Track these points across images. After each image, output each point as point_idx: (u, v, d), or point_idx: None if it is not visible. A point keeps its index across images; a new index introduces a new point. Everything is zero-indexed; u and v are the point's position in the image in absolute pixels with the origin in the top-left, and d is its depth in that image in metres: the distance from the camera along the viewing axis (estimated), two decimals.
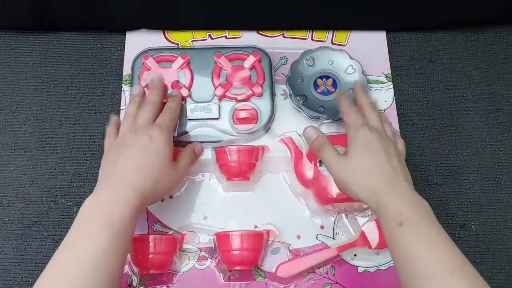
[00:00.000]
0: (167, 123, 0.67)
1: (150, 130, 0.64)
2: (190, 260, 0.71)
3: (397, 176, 0.60)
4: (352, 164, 0.62)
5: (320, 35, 0.84)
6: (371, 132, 0.63)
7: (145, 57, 0.78)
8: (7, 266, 0.70)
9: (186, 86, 0.77)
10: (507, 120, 0.80)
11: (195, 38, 0.83)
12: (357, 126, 0.64)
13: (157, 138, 0.64)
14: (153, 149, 0.63)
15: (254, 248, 0.68)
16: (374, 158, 0.61)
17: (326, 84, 0.79)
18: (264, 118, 0.76)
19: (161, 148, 0.63)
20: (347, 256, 0.71)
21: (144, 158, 0.62)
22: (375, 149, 0.62)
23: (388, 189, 0.58)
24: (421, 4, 0.81)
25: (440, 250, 0.54)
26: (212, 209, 0.73)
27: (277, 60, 0.82)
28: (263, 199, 0.74)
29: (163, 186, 0.63)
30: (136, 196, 0.59)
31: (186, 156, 0.69)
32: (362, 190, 0.60)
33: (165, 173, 0.63)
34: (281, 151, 0.75)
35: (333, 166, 0.64)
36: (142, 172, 0.61)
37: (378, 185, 0.59)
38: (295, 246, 0.72)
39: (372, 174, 0.60)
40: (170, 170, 0.64)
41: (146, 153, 0.62)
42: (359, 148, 0.62)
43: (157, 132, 0.64)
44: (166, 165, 0.64)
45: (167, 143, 0.64)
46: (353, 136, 0.63)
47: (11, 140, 0.77)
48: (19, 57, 0.82)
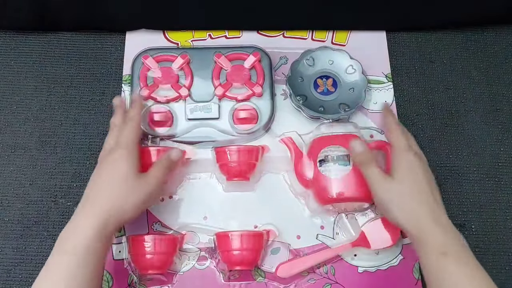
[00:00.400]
0: (126, 139, 0.65)
1: (112, 151, 0.65)
2: (190, 260, 0.71)
3: (439, 208, 0.61)
4: (397, 186, 0.62)
5: (320, 35, 0.84)
6: (416, 159, 0.63)
7: (145, 56, 0.78)
8: (7, 266, 0.70)
9: (186, 85, 0.77)
10: (507, 120, 0.80)
11: (195, 38, 0.83)
12: (403, 148, 0.64)
13: (116, 156, 0.64)
14: (112, 167, 0.64)
15: (254, 248, 0.68)
16: (419, 187, 0.62)
17: (326, 84, 0.79)
18: (264, 118, 0.76)
19: (119, 165, 0.63)
20: (347, 256, 0.71)
21: (102, 177, 0.64)
22: (421, 178, 0.62)
23: (432, 219, 0.60)
24: (421, 4, 0.81)
25: (481, 280, 0.58)
26: (212, 209, 0.73)
27: (277, 60, 0.82)
28: (263, 199, 0.74)
29: (132, 201, 0.62)
30: (98, 215, 0.60)
31: (158, 166, 0.66)
32: (403, 214, 0.61)
33: (128, 188, 0.62)
34: (281, 151, 0.75)
35: (376, 185, 0.63)
36: (101, 192, 0.62)
37: (422, 214, 0.60)
38: (295, 246, 0.72)
39: (417, 201, 0.61)
40: (136, 184, 0.63)
41: (103, 172, 0.64)
42: (405, 172, 0.63)
43: (117, 151, 0.64)
44: (128, 181, 0.63)
45: (127, 159, 0.63)
46: (398, 159, 0.64)
47: (11, 140, 0.77)
48: (19, 57, 0.82)
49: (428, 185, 0.62)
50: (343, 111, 0.77)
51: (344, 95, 0.79)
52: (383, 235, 0.70)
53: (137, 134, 0.66)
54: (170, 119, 0.75)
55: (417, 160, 0.63)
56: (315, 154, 0.71)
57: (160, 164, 0.67)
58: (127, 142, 0.65)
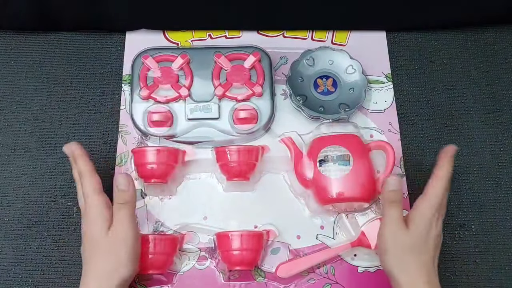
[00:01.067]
0: (88, 199, 0.63)
1: (83, 211, 0.64)
2: (190, 260, 0.71)
3: (434, 272, 0.61)
4: (408, 240, 0.61)
5: (320, 35, 0.84)
6: (437, 226, 0.62)
7: (145, 56, 0.78)
8: (7, 266, 0.70)
9: (186, 85, 0.77)
10: (507, 120, 0.80)
11: (195, 38, 0.83)
12: (435, 207, 0.62)
13: (85, 218, 0.63)
14: (86, 231, 0.62)
15: (254, 248, 0.68)
16: (427, 248, 0.61)
17: (326, 84, 0.79)
18: (264, 118, 0.76)
19: (90, 229, 0.62)
20: (347, 256, 0.71)
21: (84, 242, 0.63)
22: (431, 242, 0.62)
23: (426, 282, 0.60)
24: (421, 4, 0.81)
25: None
26: (212, 209, 0.73)
27: (277, 60, 0.82)
28: (263, 199, 0.74)
29: (116, 260, 0.60)
30: (96, 278, 0.60)
31: (117, 214, 0.62)
32: (401, 266, 0.61)
33: (106, 250, 0.61)
34: (281, 151, 0.75)
35: (389, 227, 0.62)
36: (87, 264, 0.62)
37: (419, 273, 0.60)
38: (295, 246, 0.72)
39: (419, 261, 0.61)
40: (110, 243, 0.61)
41: (84, 236, 0.63)
42: (422, 231, 0.61)
43: (84, 211, 0.63)
44: (103, 243, 0.61)
45: (95, 220, 0.62)
46: (424, 214, 0.62)
47: (11, 140, 0.77)
48: (19, 57, 0.82)
49: (434, 249, 0.62)
50: (343, 111, 0.77)
51: (344, 95, 0.79)
52: None
53: (94, 185, 0.63)
54: (170, 119, 0.75)
55: (437, 227, 0.62)
56: (315, 154, 0.71)
57: (118, 207, 0.62)
58: (89, 200, 0.62)
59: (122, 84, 0.80)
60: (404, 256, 0.61)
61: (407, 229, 0.61)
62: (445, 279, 0.71)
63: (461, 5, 0.81)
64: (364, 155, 0.71)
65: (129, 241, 0.61)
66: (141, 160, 0.70)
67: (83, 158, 0.66)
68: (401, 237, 0.61)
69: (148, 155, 0.70)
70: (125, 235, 0.61)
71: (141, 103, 0.76)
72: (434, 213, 0.62)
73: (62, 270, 0.70)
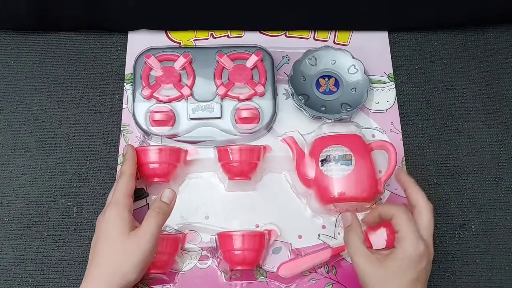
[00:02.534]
0: (117, 195, 0.64)
1: (105, 209, 0.64)
2: (191, 259, 0.71)
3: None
4: (383, 274, 0.58)
5: (322, 35, 0.84)
6: (420, 256, 0.58)
7: (147, 56, 0.77)
8: (7, 266, 0.70)
9: (188, 85, 0.76)
10: (507, 120, 0.81)
11: (197, 37, 0.83)
12: (416, 236, 0.58)
13: (106, 216, 0.62)
14: (105, 229, 0.62)
15: (255, 248, 0.67)
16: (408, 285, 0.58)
17: (328, 83, 0.79)
18: (266, 117, 0.76)
19: (110, 227, 0.61)
20: (348, 256, 0.70)
21: (99, 240, 0.62)
22: (412, 279, 0.57)
23: None
24: (421, 4, 0.81)
25: None
26: (214, 208, 0.73)
27: (279, 59, 0.82)
28: (265, 199, 0.74)
29: (130, 263, 0.60)
30: (101, 280, 0.59)
31: (150, 217, 0.62)
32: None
33: (123, 250, 0.60)
34: (283, 150, 0.75)
35: (360, 261, 0.60)
36: (100, 255, 0.61)
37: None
38: (297, 246, 0.72)
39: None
40: (129, 244, 0.60)
41: (100, 234, 0.62)
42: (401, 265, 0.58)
43: (108, 210, 0.63)
44: (121, 243, 0.60)
45: (116, 220, 0.62)
46: (404, 247, 0.58)
47: (11, 140, 0.77)
48: (19, 57, 0.82)
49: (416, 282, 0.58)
50: (345, 111, 0.77)
51: (346, 95, 0.79)
52: (385, 235, 0.69)
53: (128, 188, 0.65)
54: (172, 119, 0.75)
55: (420, 258, 0.58)
56: (317, 154, 0.71)
57: (153, 214, 0.62)
58: (118, 199, 0.63)
59: (124, 83, 0.80)
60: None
61: (386, 258, 0.58)
62: (445, 279, 0.71)
63: (461, 5, 0.81)
64: (366, 155, 0.70)
65: (148, 249, 0.60)
66: (143, 159, 0.70)
67: (129, 161, 0.68)
68: (380, 267, 0.58)
69: (150, 154, 0.70)
70: (147, 242, 0.60)
71: (143, 102, 0.76)
72: (417, 239, 0.58)
73: (62, 270, 0.70)
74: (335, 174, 0.69)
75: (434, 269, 0.70)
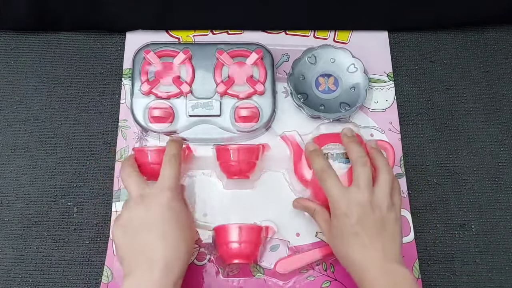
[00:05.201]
0: (170, 183, 0.63)
1: (160, 193, 0.62)
2: None
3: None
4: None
5: (322, 33, 0.84)
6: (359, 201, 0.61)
7: (146, 51, 0.77)
8: (7, 266, 0.70)
9: (188, 81, 0.76)
10: (507, 120, 0.81)
11: (197, 33, 0.83)
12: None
13: (166, 200, 0.62)
14: (169, 212, 0.61)
15: (252, 241, 0.67)
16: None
17: (327, 82, 0.79)
18: (265, 116, 0.75)
19: (165, 211, 0.61)
20: None
21: (157, 227, 0.60)
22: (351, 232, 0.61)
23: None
24: (421, 5, 0.81)
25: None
26: (212, 206, 0.73)
27: (279, 57, 0.82)
28: (263, 197, 0.74)
29: (184, 250, 0.60)
30: (160, 271, 0.57)
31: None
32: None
33: (184, 235, 0.61)
34: (282, 149, 0.75)
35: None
36: (161, 243, 0.59)
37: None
38: (295, 244, 0.72)
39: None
40: (189, 229, 0.63)
41: (159, 221, 0.61)
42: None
43: (166, 193, 0.62)
44: (176, 227, 0.61)
45: (179, 203, 0.63)
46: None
47: (11, 140, 0.77)
48: (19, 57, 0.82)
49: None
50: (343, 110, 0.77)
51: (345, 94, 0.78)
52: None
53: (179, 173, 0.65)
54: (171, 115, 0.75)
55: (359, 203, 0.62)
56: None
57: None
58: (171, 186, 0.63)
59: (122, 78, 0.80)
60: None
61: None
62: (445, 279, 0.71)
63: (461, 5, 0.81)
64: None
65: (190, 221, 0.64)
66: (142, 160, 0.70)
67: (174, 144, 0.68)
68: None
69: (149, 155, 0.70)
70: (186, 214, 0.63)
71: (142, 98, 0.76)
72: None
73: (62, 270, 0.70)
74: None
75: (434, 269, 0.71)
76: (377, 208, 0.61)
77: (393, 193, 0.63)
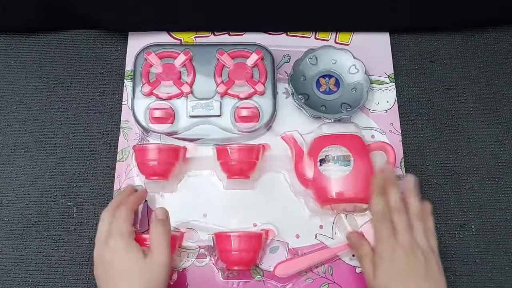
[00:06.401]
0: (120, 228, 0.62)
1: (111, 239, 0.61)
2: (189, 257, 0.71)
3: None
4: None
5: (323, 34, 0.84)
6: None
7: (147, 53, 0.77)
8: (7, 266, 0.70)
9: (188, 82, 0.76)
10: (507, 120, 0.80)
11: (198, 34, 0.83)
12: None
13: (116, 245, 0.60)
14: (115, 265, 0.60)
15: (252, 249, 0.67)
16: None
17: (328, 83, 0.79)
18: (266, 116, 0.75)
19: (128, 255, 0.60)
20: (345, 256, 0.71)
21: (114, 268, 0.60)
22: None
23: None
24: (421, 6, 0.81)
25: None
26: (212, 207, 0.73)
27: (280, 58, 0.81)
28: (263, 198, 0.74)
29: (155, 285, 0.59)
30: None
31: (156, 238, 0.61)
32: None
33: (147, 276, 0.59)
34: (282, 149, 0.75)
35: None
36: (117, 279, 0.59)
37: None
38: (294, 245, 0.72)
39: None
40: (147, 269, 0.60)
41: (109, 260, 0.60)
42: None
43: (116, 239, 0.61)
44: (142, 269, 0.59)
45: (131, 247, 0.60)
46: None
47: (11, 140, 0.77)
48: (19, 57, 0.82)
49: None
50: (344, 110, 0.76)
51: (346, 95, 0.78)
52: None
53: (129, 216, 0.63)
54: (171, 116, 0.75)
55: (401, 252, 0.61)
56: (316, 153, 0.71)
57: (157, 233, 0.62)
58: (122, 231, 0.61)
59: (125, 79, 0.80)
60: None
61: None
62: None
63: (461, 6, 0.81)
64: (365, 156, 0.70)
65: (168, 264, 0.60)
66: (142, 157, 0.70)
67: (129, 191, 0.68)
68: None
69: (149, 152, 0.70)
70: (165, 262, 0.60)
71: (143, 99, 0.76)
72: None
73: (62, 270, 0.70)
74: (334, 174, 0.69)
75: None
76: (419, 252, 0.60)
77: (430, 237, 0.63)
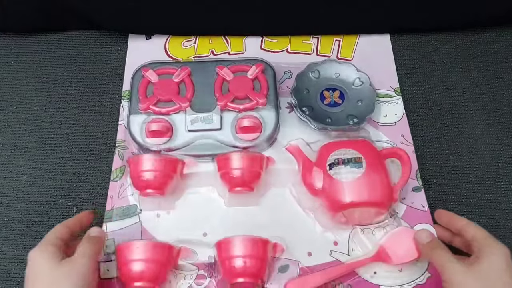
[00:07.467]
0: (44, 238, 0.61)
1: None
2: (186, 279, 0.65)
3: None
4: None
5: (325, 50, 0.83)
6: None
7: (145, 69, 0.75)
8: (7, 266, 0.70)
9: (187, 97, 0.74)
10: (507, 120, 0.80)
11: (197, 54, 0.82)
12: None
13: (32, 256, 0.59)
14: (30, 270, 0.59)
15: (258, 256, 0.62)
16: None
17: (332, 96, 0.77)
18: (268, 128, 0.72)
19: (36, 264, 0.58)
20: (366, 273, 0.65)
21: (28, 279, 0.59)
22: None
23: None
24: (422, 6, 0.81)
25: None
26: (213, 225, 0.69)
27: (281, 74, 0.80)
28: (268, 214, 0.69)
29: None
30: None
31: (83, 243, 0.61)
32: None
33: (57, 278, 0.57)
34: (287, 163, 0.72)
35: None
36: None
37: None
38: (306, 264, 0.66)
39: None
40: (63, 271, 0.57)
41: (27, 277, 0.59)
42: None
43: (32, 252, 0.59)
44: (53, 272, 0.57)
45: (42, 253, 0.59)
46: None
47: (11, 140, 0.77)
48: (19, 57, 0.82)
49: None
50: (351, 122, 0.74)
51: (352, 107, 0.76)
52: (405, 247, 0.64)
53: (57, 230, 0.62)
54: (169, 130, 0.72)
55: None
56: (324, 159, 0.67)
57: (85, 241, 0.61)
58: (45, 239, 0.61)
59: (122, 99, 0.79)
60: None
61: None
62: None
63: (461, 6, 0.81)
64: (377, 158, 0.67)
65: (85, 272, 0.58)
66: (137, 168, 0.67)
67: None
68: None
69: (144, 163, 0.67)
70: (83, 265, 0.58)
71: (140, 115, 0.73)
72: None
73: None
74: (345, 177, 0.65)
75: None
76: None
77: None
